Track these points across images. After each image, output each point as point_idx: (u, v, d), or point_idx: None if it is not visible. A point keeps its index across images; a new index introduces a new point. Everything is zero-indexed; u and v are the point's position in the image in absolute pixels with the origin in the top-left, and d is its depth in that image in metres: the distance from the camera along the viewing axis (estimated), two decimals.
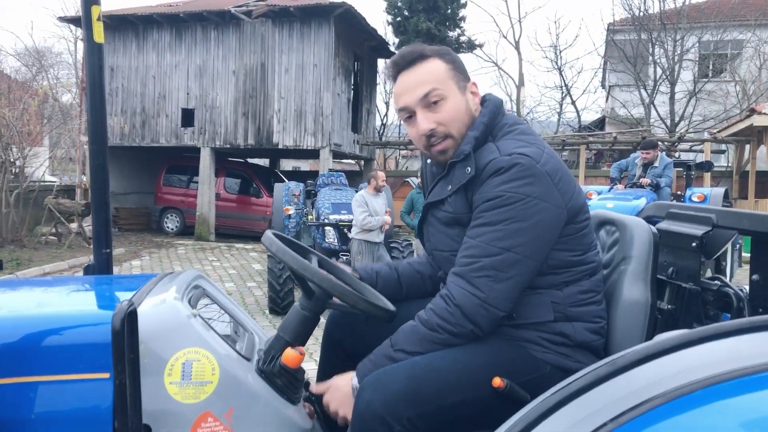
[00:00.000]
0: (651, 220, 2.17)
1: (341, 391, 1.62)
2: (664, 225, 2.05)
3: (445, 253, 1.72)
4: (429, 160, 1.85)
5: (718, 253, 2.43)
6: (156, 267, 11.55)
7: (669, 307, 1.86)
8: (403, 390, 1.46)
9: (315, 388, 1.72)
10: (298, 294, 8.47)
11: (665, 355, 1.17)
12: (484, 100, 1.76)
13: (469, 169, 1.62)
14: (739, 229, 1.81)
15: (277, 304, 7.72)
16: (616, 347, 1.69)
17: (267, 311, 7.96)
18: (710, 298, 1.89)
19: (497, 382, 1.48)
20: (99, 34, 1.96)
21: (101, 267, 2.01)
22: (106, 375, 1.35)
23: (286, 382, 1.57)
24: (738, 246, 9.93)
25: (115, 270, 10.79)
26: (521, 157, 1.55)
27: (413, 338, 1.58)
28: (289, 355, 1.54)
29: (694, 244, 1.87)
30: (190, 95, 15.72)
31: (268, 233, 1.68)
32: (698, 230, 1.88)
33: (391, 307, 1.72)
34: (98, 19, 1.96)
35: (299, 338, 1.65)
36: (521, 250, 1.53)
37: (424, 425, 1.46)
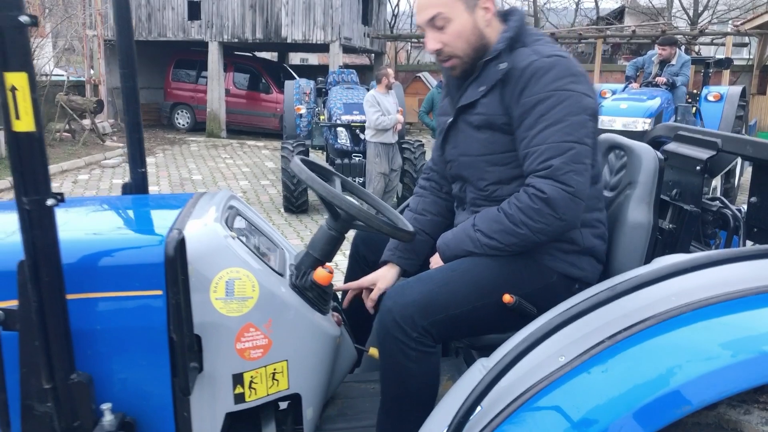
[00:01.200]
0: (659, 140, 2.26)
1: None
2: (672, 146, 2.14)
3: (472, 158, 1.82)
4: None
5: (723, 172, 2.53)
6: (170, 164, 11.73)
7: (670, 226, 1.99)
8: (417, 301, 1.65)
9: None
10: (311, 191, 8.67)
11: (658, 282, 1.32)
12: (509, 12, 1.84)
13: (503, 65, 1.71)
14: (741, 155, 1.90)
15: (292, 204, 7.94)
16: (618, 266, 1.84)
17: (282, 210, 8.20)
18: (709, 218, 2.02)
19: (507, 298, 1.64)
20: None
21: (138, 186, 2.14)
22: (159, 292, 1.51)
23: (317, 295, 1.74)
24: None
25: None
26: (561, 58, 1.69)
27: (495, 227, 1.69)
28: (320, 273, 1.70)
29: (698, 168, 1.97)
30: None
31: (296, 160, 1.80)
32: (703, 154, 1.98)
33: (410, 228, 1.86)
34: None
35: (327, 255, 1.81)
36: (587, 140, 1.66)
37: (437, 332, 1.66)
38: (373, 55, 19.33)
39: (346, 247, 2.05)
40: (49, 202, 1.32)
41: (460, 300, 1.67)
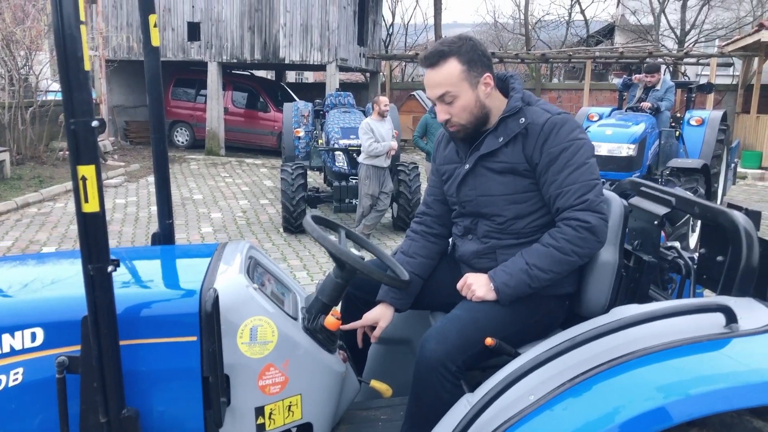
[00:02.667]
0: (625, 193, 2.56)
1: (481, 279, 2.11)
2: (635, 201, 2.44)
3: (494, 197, 2.13)
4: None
5: (680, 222, 2.83)
6: (172, 183, 11.97)
7: (633, 266, 2.28)
8: (456, 341, 1.97)
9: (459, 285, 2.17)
10: (309, 212, 8.93)
11: (613, 333, 1.62)
12: (505, 77, 2.20)
13: (523, 120, 2.07)
14: (690, 214, 2.21)
15: (291, 224, 8.22)
16: (588, 300, 2.14)
17: (281, 230, 8.48)
18: (666, 266, 2.32)
19: (488, 341, 1.94)
20: (155, 39, 2.29)
21: (165, 236, 2.43)
22: (194, 338, 1.80)
23: (326, 337, 2.04)
24: (733, 165, 10.29)
25: (133, 186, 11.30)
26: (567, 114, 2.10)
27: (548, 261, 2.01)
28: (330, 321, 1.99)
29: (656, 222, 2.27)
30: (195, 8, 15.59)
31: (308, 219, 2.10)
32: (660, 210, 2.28)
33: (405, 277, 2.16)
34: (155, 26, 2.28)
35: (334, 300, 2.10)
36: (598, 177, 2.07)
37: (471, 362, 2.00)
38: (368, 74, 19.70)
39: None
40: (109, 269, 1.61)
41: (488, 335, 1.98)
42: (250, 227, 8.81)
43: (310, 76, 29.26)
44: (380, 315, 2.25)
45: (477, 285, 2.08)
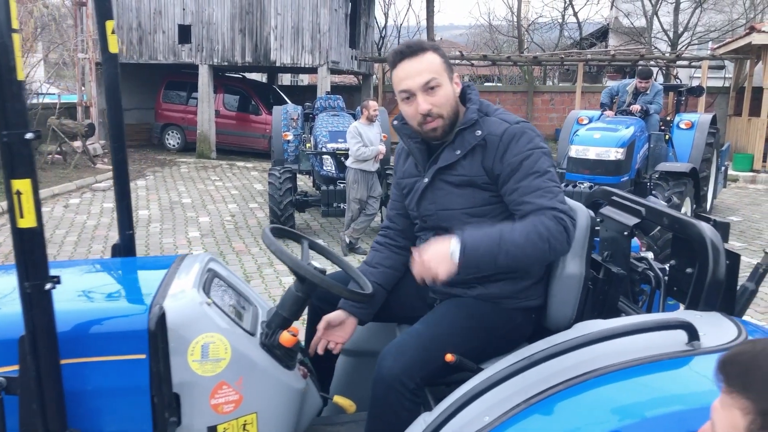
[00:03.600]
0: (597, 203, 2.51)
1: (439, 251, 1.84)
2: (606, 211, 2.39)
3: (453, 211, 2.08)
4: (412, 140, 2.17)
5: (653, 232, 2.78)
6: (161, 187, 11.93)
7: (602, 278, 2.23)
8: (414, 357, 1.89)
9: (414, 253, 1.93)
10: (298, 216, 8.89)
11: (572, 351, 1.57)
12: (464, 88, 2.13)
13: (479, 132, 2.01)
14: (659, 224, 2.15)
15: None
16: (554, 313, 2.09)
17: None
18: (636, 278, 2.26)
19: (449, 357, 1.88)
20: (114, 45, 2.23)
21: (125, 246, 2.37)
22: (143, 356, 1.74)
23: (284, 353, 1.97)
24: (724, 168, 10.26)
25: None
26: (526, 124, 2.04)
27: (523, 239, 1.85)
28: (285, 337, 1.92)
29: (626, 233, 2.22)
30: (186, 11, 15.53)
31: (266, 232, 2.03)
32: (630, 220, 2.23)
33: (369, 290, 2.10)
34: (112, 33, 2.22)
35: (294, 314, 2.04)
36: (560, 186, 2.01)
37: (430, 378, 1.92)
38: (361, 77, 19.64)
39: None
40: (47, 286, 1.55)
41: (449, 350, 1.90)
42: (238, 231, 8.74)
43: (305, 79, 29.20)
44: (339, 319, 2.18)
45: (436, 262, 1.82)
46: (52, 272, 1.58)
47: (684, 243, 2.04)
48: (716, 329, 1.68)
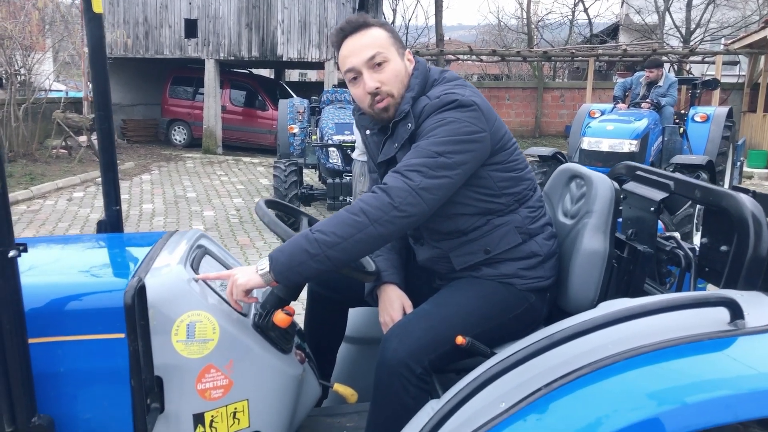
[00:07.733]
0: (620, 179, 2.33)
1: (246, 269, 1.74)
2: (630, 186, 2.21)
3: None
4: (368, 132, 2.03)
5: (681, 210, 2.59)
6: (165, 182, 11.80)
7: (626, 257, 2.04)
8: (421, 338, 1.72)
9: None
10: (303, 209, 8.71)
11: (597, 330, 1.38)
12: (416, 65, 1.95)
13: (410, 125, 1.85)
14: (691, 198, 1.97)
15: (284, 222, 7.97)
16: (574, 294, 1.91)
17: None
18: (663, 258, 2.08)
19: (460, 340, 1.70)
20: (98, 5, 2.07)
21: (112, 223, 2.20)
22: (122, 335, 1.57)
23: (279, 335, 1.80)
24: (739, 163, 10.01)
25: (126, 184, 11.10)
26: (447, 95, 1.80)
27: (333, 221, 1.67)
28: (279, 316, 1.75)
29: (652, 209, 2.03)
30: (193, 5, 15.40)
31: (260, 204, 1.86)
32: (657, 195, 2.04)
33: (372, 268, 1.92)
34: None
35: (291, 294, 1.86)
36: (451, 156, 1.72)
37: (438, 363, 1.76)
38: None
39: None
40: (11, 253, 1.38)
41: (459, 332, 1.74)
42: (243, 225, 8.59)
43: (313, 75, 29.06)
44: (395, 293, 1.99)
45: (239, 274, 1.71)
46: (28, 248, 1.42)
47: (717, 218, 1.85)
48: (761, 308, 1.50)
